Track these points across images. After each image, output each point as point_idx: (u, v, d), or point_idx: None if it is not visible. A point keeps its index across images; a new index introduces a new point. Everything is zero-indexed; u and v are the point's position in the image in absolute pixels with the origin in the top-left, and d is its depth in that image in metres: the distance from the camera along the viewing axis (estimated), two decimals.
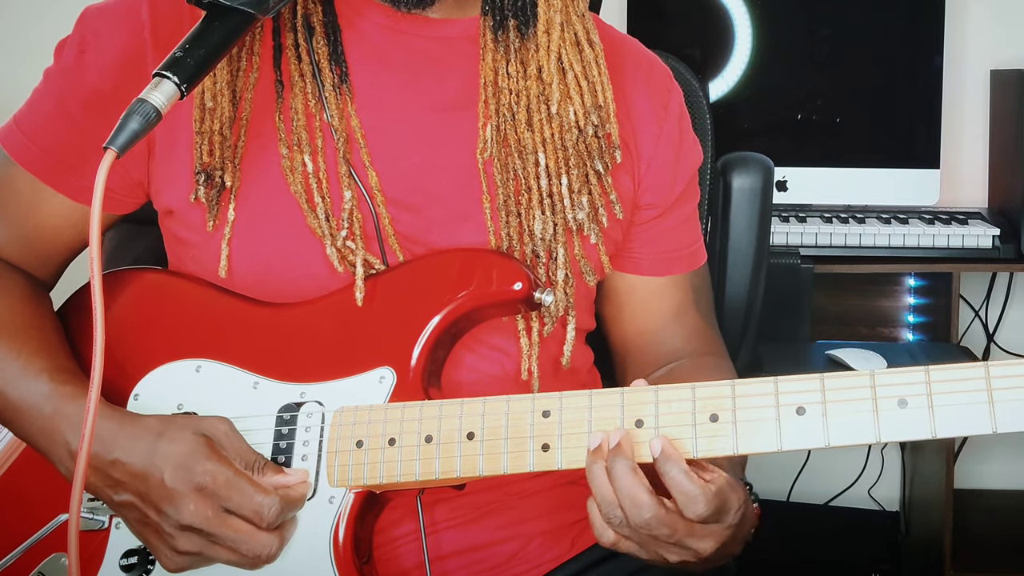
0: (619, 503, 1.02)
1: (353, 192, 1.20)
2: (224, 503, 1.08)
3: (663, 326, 1.37)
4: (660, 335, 1.37)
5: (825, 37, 2.84)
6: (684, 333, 1.38)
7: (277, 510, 1.09)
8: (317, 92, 1.21)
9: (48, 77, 1.26)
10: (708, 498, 1.01)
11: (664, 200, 1.33)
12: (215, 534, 1.08)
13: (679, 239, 1.37)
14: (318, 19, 1.22)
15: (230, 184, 1.20)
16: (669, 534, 1.02)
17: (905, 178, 2.78)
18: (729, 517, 1.04)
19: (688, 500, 1.01)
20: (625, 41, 1.36)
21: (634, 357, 1.39)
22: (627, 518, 1.02)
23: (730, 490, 1.04)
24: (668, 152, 1.32)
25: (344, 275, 1.20)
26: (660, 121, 1.31)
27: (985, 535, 2.82)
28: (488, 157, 1.22)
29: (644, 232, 1.34)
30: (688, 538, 1.03)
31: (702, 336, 1.39)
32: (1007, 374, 0.96)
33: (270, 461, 1.13)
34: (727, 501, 1.03)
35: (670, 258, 1.36)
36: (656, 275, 1.36)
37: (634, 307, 1.37)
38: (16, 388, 1.18)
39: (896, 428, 0.98)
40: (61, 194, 1.24)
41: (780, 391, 1.02)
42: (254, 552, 1.09)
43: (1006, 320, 2.92)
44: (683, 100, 1.37)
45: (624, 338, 1.39)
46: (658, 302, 1.37)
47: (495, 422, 1.09)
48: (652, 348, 1.37)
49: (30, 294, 1.26)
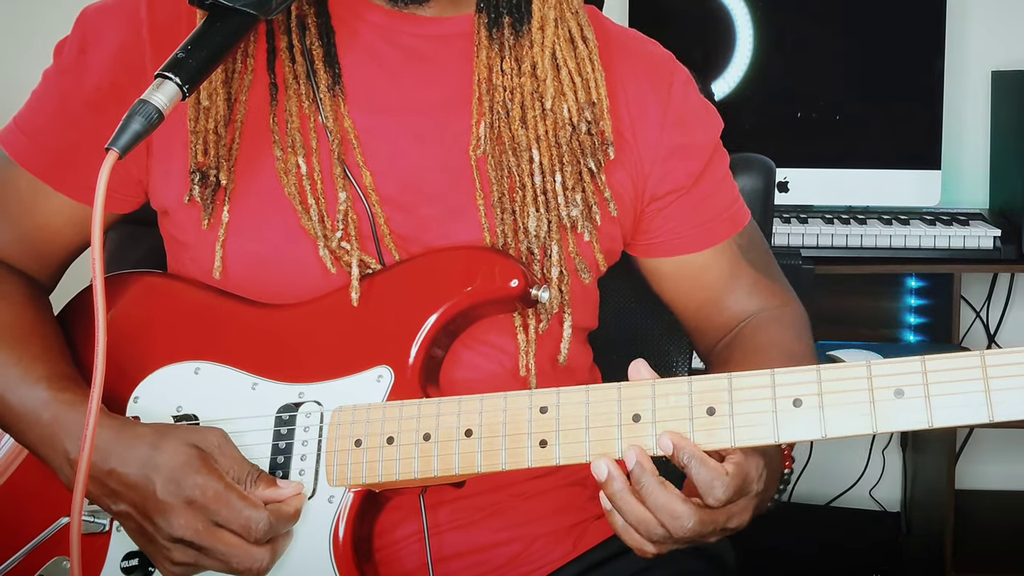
0: (658, 520, 1.02)
1: (348, 193, 1.20)
2: (213, 516, 1.08)
3: (720, 294, 1.36)
4: (720, 303, 1.37)
5: (826, 38, 2.84)
6: (743, 292, 1.37)
7: (266, 525, 1.08)
8: (311, 94, 1.21)
9: (48, 78, 1.26)
10: (725, 482, 1.01)
11: (685, 181, 1.31)
12: (205, 547, 1.08)
13: (711, 208, 1.34)
14: (312, 20, 1.22)
15: (224, 183, 1.20)
16: (712, 530, 1.04)
17: (906, 179, 2.78)
18: (754, 487, 1.05)
19: (707, 487, 1.01)
20: (625, 33, 1.36)
21: (704, 331, 1.39)
22: (670, 532, 1.02)
23: (749, 464, 1.04)
24: (678, 134, 1.30)
25: (338, 276, 1.20)
26: (664, 107, 1.30)
27: (986, 536, 2.82)
28: (481, 154, 1.22)
29: (675, 212, 1.32)
30: (728, 522, 1.05)
31: (762, 289, 1.38)
32: (1003, 362, 0.96)
33: (264, 472, 1.13)
34: (747, 476, 1.04)
35: (707, 229, 1.34)
36: (698, 250, 1.34)
37: (687, 285, 1.36)
38: (15, 394, 1.18)
39: (893, 418, 0.98)
40: (62, 194, 1.24)
41: (777, 383, 1.01)
42: (244, 565, 1.09)
43: (1007, 321, 2.92)
44: (689, 78, 1.35)
45: (687, 314, 1.39)
46: (708, 274, 1.36)
47: (493, 419, 1.09)
48: (717, 316, 1.37)
49: (31, 298, 1.26)
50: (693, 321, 1.40)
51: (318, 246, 1.20)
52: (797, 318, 1.38)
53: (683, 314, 1.40)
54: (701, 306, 1.38)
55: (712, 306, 1.37)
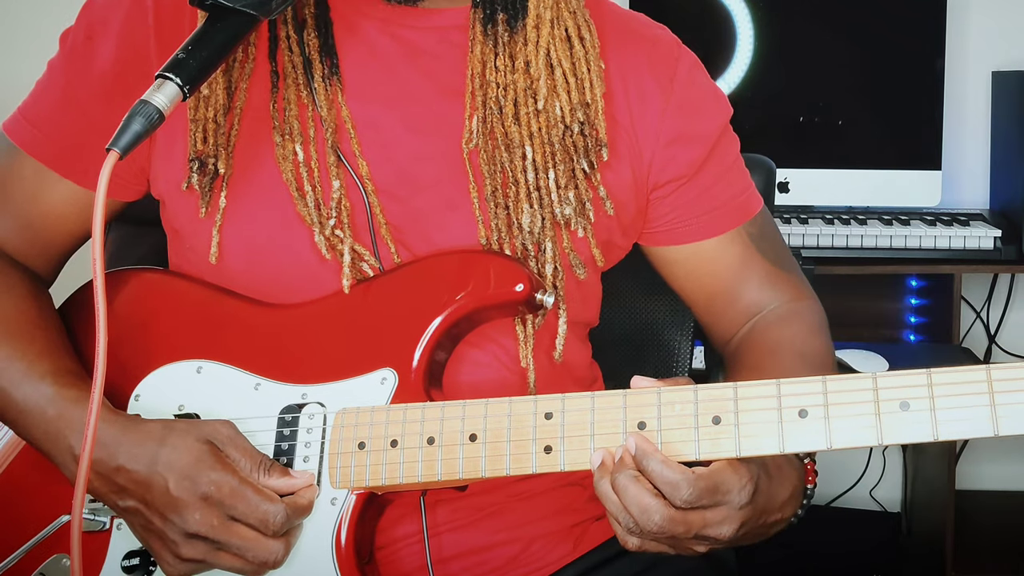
0: (629, 512, 1.03)
1: (342, 181, 1.20)
2: (229, 511, 1.08)
3: (731, 285, 1.35)
4: (731, 294, 1.35)
5: (827, 39, 2.84)
6: (755, 284, 1.35)
7: (283, 518, 1.09)
8: (308, 83, 1.21)
9: (53, 66, 1.27)
10: (690, 482, 1.01)
11: (689, 168, 1.30)
12: (221, 541, 1.08)
13: (718, 196, 1.33)
14: (309, 12, 1.23)
15: (223, 171, 1.21)
16: (685, 531, 1.03)
17: (907, 179, 2.78)
18: (732, 498, 1.03)
19: (671, 487, 1.01)
20: (631, 18, 1.35)
21: (716, 322, 1.38)
22: (639, 525, 1.02)
23: (726, 473, 1.03)
24: (680, 121, 1.29)
25: (331, 264, 1.20)
26: (667, 94, 1.29)
27: (986, 536, 2.82)
28: (473, 147, 1.22)
29: (679, 200, 1.31)
30: (705, 529, 1.03)
31: (775, 281, 1.36)
32: (1009, 377, 0.96)
33: (276, 462, 1.13)
34: (719, 485, 1.02)
35: (713, 217, 1.33)
36: (705, 238, 1.33)
37: (697, 274, 1.35)
38: (20, 390, 1.18)
39: (898, 431, 0.98)
40: (68, 179, 1.24)
41: (782, 393, 1.01)
42: (260, 559, 1.09)
43: (1007, 321, 2.92)
44: (695, 63, 1.33)
45: (698, 306, 1.38)
46: (717, 263, 1.34)
47: (497, 424, 1.09)
48: (729, 308, 1.36)
49: (34, 292, 1.26)
50: (705, 314, 1.38)
51: (313, 233, 1.20)
52: (814, 313, 1.36)
53: (695, 306, 1.39)
54: (712, 297, 1.36)
55: (723, 297, 1.36)
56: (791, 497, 1.11)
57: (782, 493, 1.09)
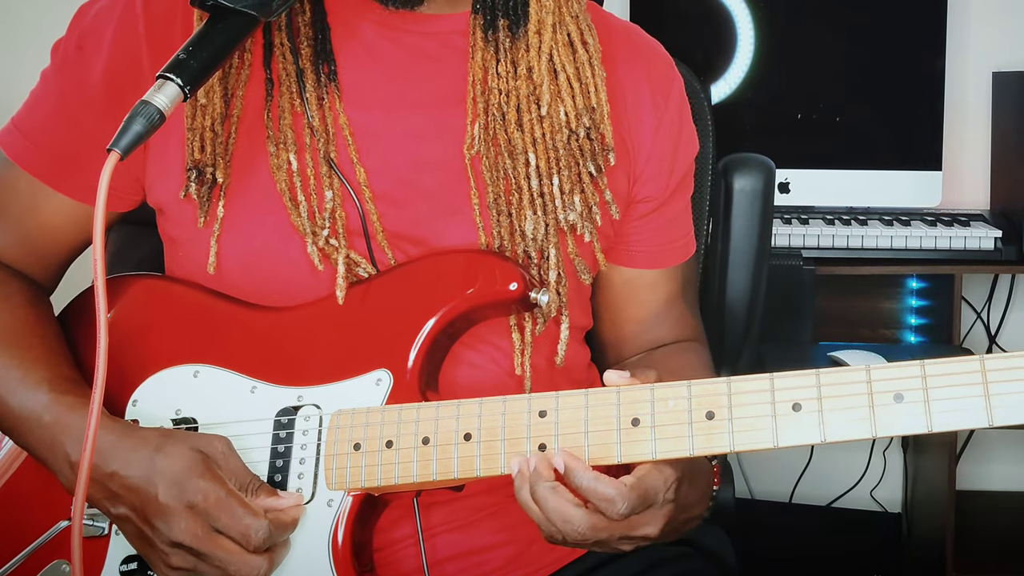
0: (551, 522, 1.04)
1: (335, 191, 1.20)
2: (213, 522, 1.08)
3: (654, 315, 1.38)
4: (649, 324, 1.38)
5: (827, 39, 2.84)
6: (671, 322, 1.39)
7: (265, 534, 1.08)
8: (300, 91, 1.21)
9: (45, 77, 1.26)
10: (624, 495, 1.02)
11: (661, 192, 1.32)
12: (204, 553, 1.08)
13: (677, 230, 1.37)
14: (305, 19, 1.22)
15: (221, 180, 1.20)
16: (608, 536, 1.05)
17: (907, 180, 2.78)
18: (659, 498, 1.05)
19: (606, 503, 1.02)
20: (628, 29, 1.35)
21: (623, 346, 1.39)
22: (563, 534, 1.04)
23: (653, 475, 1.05)
24: (667, 144, 1.31)
25: (327, 273, 1.20)
26: (660, 112, 1.30)
27: (987, 537, 2.81)
28: (475, 153, 1.22)
29: (643, 226, 1.33)
30: (629, 531, 1.05)
31: (686, 324, 1.40)
32: (1003, 367, 0.96)
33: (265, 484, 1.13)
34: (649, 489, 1.04)
35: (667, 250, 1.36)
36: (653, 267, 1.36)
37: (628, 298, 1.37)
38: (16, 397, 1.18)
39: (892, 423, 0.98)
40: (62, 194, 1.24)
41: (776, 388, 1.01)
42: (242, 573, 1.08)
43: (1008, 322, 2.92)
44: (684, 89, 1.36)
45: (614, 328, 1.39)
46: (652, 292, 1.37)
47: (492, 423, 1.09)
48: (640, 336, 1.38)
49: (32, 300, 1.26)
50: (614, 336, 1.40)
51: (306, 243, 1.20)
52: (708, 357, 1.40)
53: (608, 325, 1.40)
54: (631, 322, 1.38)
55: (641, 324, 1.38)
56: (703, 495, 1.15)
57: (697, 491, 1.13)
